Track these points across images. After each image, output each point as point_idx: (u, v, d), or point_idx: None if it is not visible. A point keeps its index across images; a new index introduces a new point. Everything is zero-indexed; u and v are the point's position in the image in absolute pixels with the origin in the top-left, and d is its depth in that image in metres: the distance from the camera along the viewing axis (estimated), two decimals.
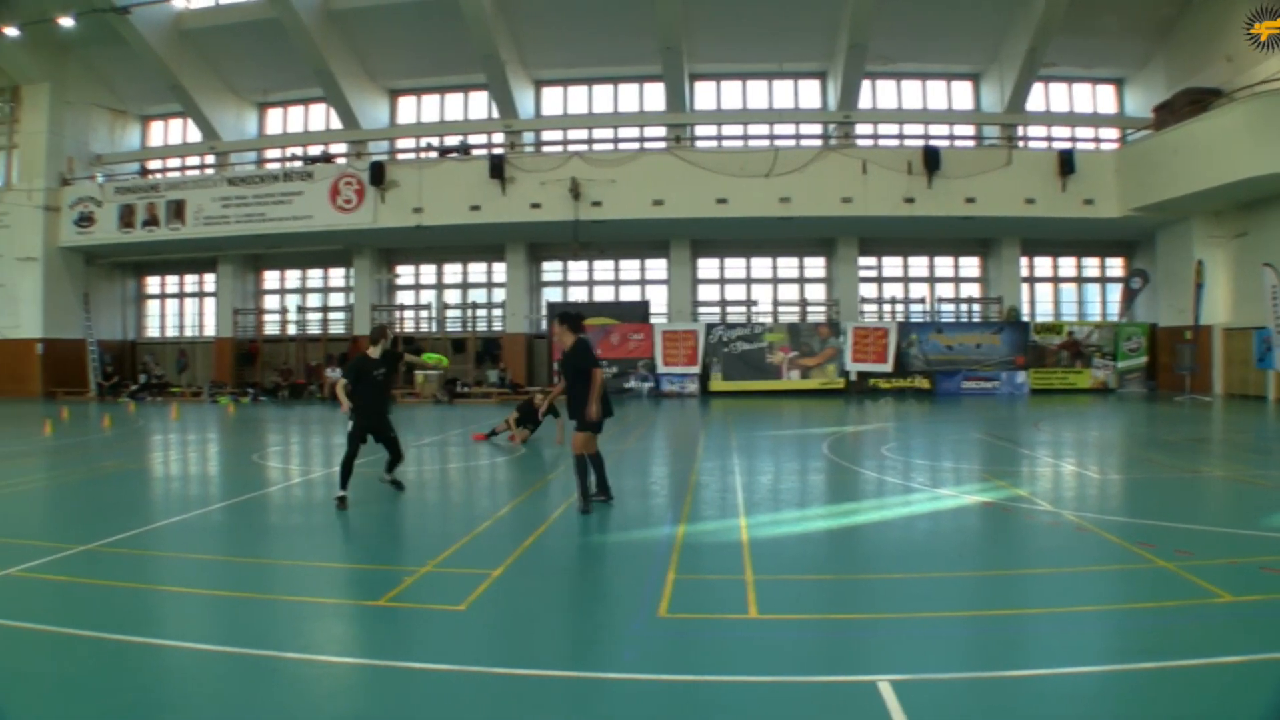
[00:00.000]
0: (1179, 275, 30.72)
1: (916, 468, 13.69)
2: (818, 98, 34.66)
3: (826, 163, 30.22)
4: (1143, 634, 5.74)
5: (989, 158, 30.49)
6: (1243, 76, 27.06)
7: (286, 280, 38.41)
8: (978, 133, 33.85)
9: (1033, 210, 30.05)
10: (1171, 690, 4.82)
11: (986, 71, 33.70)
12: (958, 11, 31.06)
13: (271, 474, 13.76)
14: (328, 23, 32.05)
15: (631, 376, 32.22)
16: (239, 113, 36.84)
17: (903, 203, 29.79)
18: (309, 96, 35.91)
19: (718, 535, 8.61)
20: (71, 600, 6.67)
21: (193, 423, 23.73)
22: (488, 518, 9.77)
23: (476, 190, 30.95)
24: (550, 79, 35.35)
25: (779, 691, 4.80)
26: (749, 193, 30.03)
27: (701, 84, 34.83)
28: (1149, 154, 28.91)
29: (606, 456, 14.96)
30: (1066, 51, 31.62)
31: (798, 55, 33.52)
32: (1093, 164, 30.39)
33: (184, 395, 34.75)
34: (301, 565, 7.84)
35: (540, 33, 32.72)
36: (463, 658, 5.24)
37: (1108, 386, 31.89)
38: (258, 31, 32.53)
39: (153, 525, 9.42)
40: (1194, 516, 9.65)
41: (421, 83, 35.82)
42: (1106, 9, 30.02)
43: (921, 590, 6.86)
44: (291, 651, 5.36)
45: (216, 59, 34.80)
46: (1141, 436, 18.77)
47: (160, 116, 38.55)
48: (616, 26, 31.83)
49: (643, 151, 32.04)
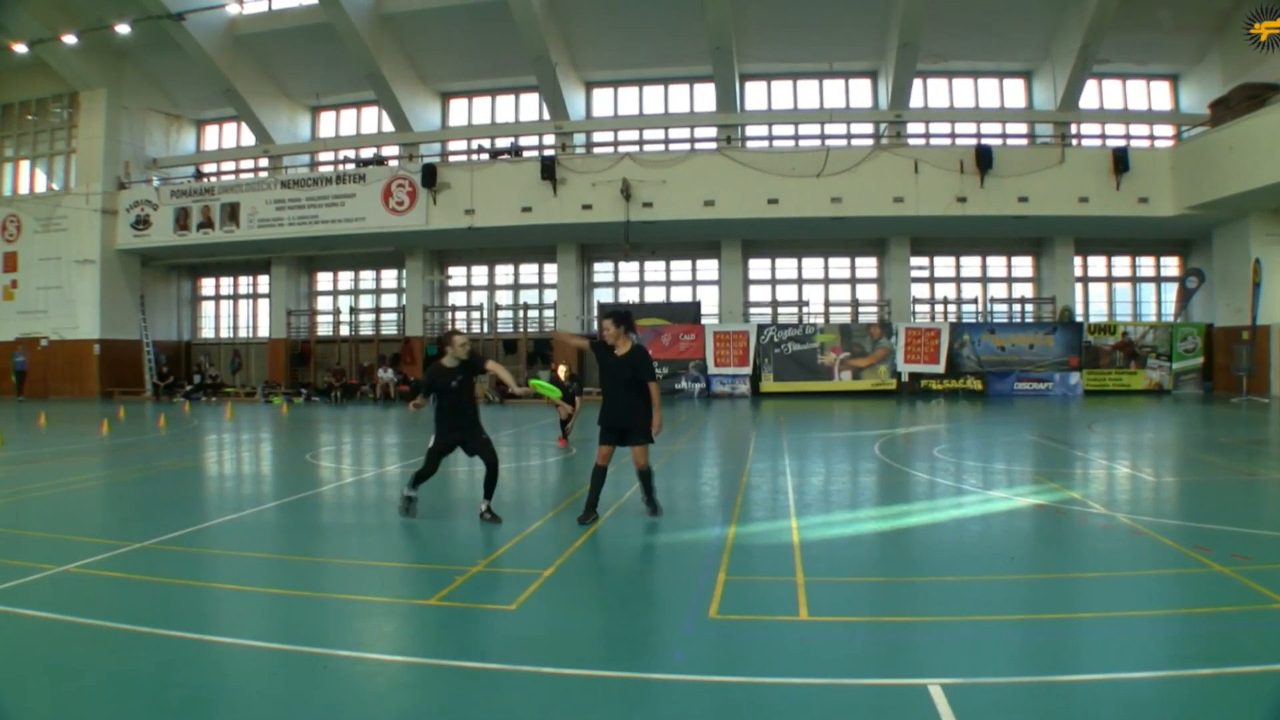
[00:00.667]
0: (1236, 274, 30.33)
1: (968, 469, 13.57)
2: (869, 97, 34.57)
3: (878, 162, 30.13)
4: (1198, 639, 5.69)
5: (1042, 156, 30.26)
6: None
7: (339, 282, 38.87)
8: (1030, 131, 33.64)
9: (1086, 209, 29.79)
10: (1228, 697, 4.74)
11: (1039, 69, 33.43)
12: (1009, 8, 30.88)
13: (324, 473, 13.86)
14: (379, 26, 32.36)
15: (683, 377, 32.33)
16: (292, 116, 37.30)
17: (955, 202, 29.64)
18: (361, 99, 36.32)
19: (769, 536, 8.59)
20: (127, 596, 6.74)
21: (246, 422, 24.01)
22: (539, 518, 9.78)
23: (528, 191, 31.15)
24: (601, 80, 35.50)
25: (829, 694, 4.80)
26: (800, 193, 29.99)
27: (752, 84, 34.82)
28: (1205, 151, 28.58)
29: (657, 458, 15.08)
30: (1120, 48, 31.29)
31: (848, 54, 33.43)
32: (1147, 162, 30.05)
33: (238, 395, 35.29)
34: (354, 564, 7.90)
35: (590, 34, 32.89)
36: (513, 657, 5.24)
37: (1163, 388, 31.56)
38: (310, 35, 32.93)
39: (207, 523, 9.49)
40: (1252, 520, 9.50)
41: (472, 85, 36.08)
42: (1160, 4, 29.62)
43: (973, 593, 6.80)
44: (343, 649, 5.40)
45: (270, 63, 35.29)
46: (1197, 438, 18.54)
47: (215, 120, 39.15)
48: (666, 27, 31.87)
49: (693, 152, 32.11)
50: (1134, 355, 31.81)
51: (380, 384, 33.76)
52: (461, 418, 9.74)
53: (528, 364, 34.56)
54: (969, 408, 26.90)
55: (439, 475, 10.03)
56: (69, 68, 34.86)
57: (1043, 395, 31.18)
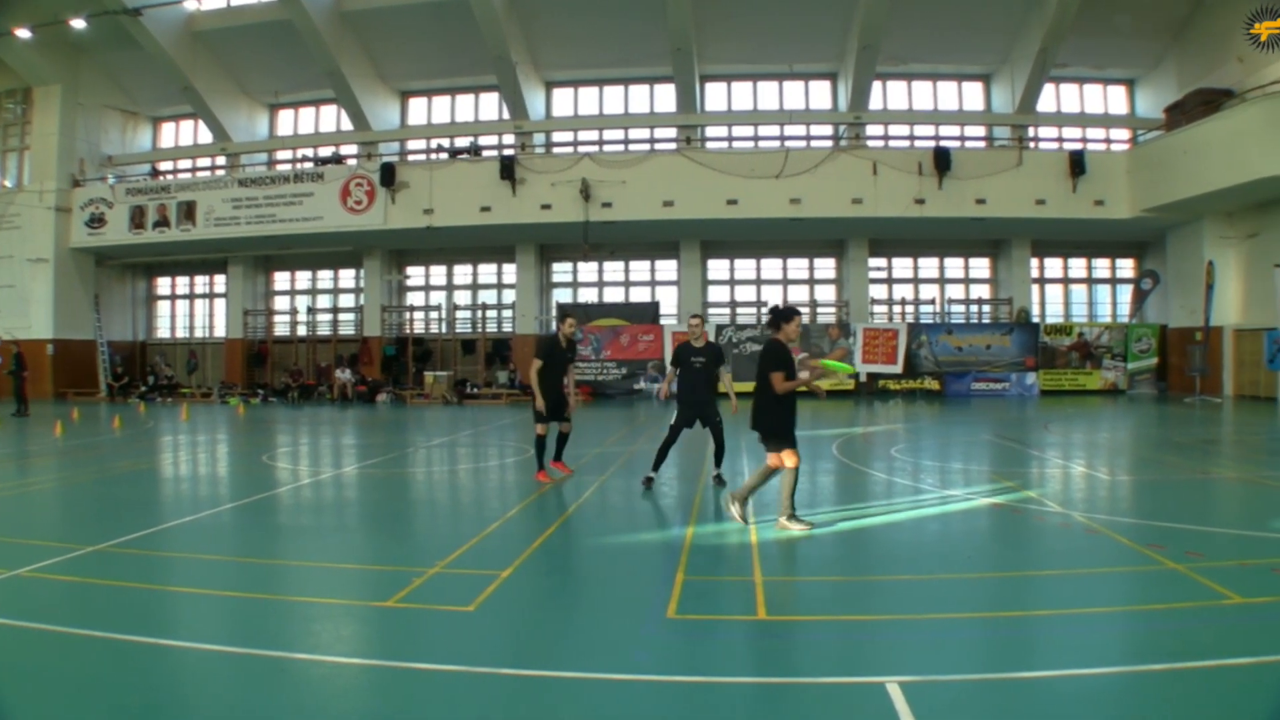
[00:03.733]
0: (1190, 276, 30.64)
1: (926, 469, 13.68)
2: (828, 99, 34.65)
3: (837, 164, 30.16)
4: (1153, 636, 5.78)
5: (1000, 159, 30.42)
6: (1254, 77, 26.99)
7: (297, 281, 38.50)
8: (988, 133, 33.82)
9: (1043, 211, 29.97)
10: (1182, 692, 4.83)
11: (998, 72, 33.66)
12: (969, 13, 31.01)
13: (281, 475, 13.71)
14: (340, 24, 32.12)
15: (641, 378, 32.26)
16: (250, 114, 36.95)
17: (913, 204, 29.71)
18: (320, 98, 35.99)
19: (727, 536, 8.61)
20: (82, 600, 6.70)
21: (202, 423, 23.69)
22: (497, 518, 9.74)
23: (487, 191, 30.97)
24: (561, 80, 35.40)
25: (787, 693, 4.83)
26: (759, 194, 29.97)
27: (712, 85, 34.83)
28: (1160, 155, 28.84)
29: (616, 457, 15.04)
30: (1078, 52, 31.64)
31: (808, 56, 33.51)
32: (1104, 165, 30.31)
33: (194, 396, 34.79)
34: (311, 566, 7.88)
35: (551, 34, 32.76)
36: (472, 658, 5.26)
37: (1118, 388, 31.81)
38: (269, 33, 32.61)
39: (163, 526, 9.42)
40: (1205, 518, 9.68)
41: (432, 84, 35.89)
42: (1118, 10, 29.95)
43: (931, 592, 6.88)
44: (301, 652, 5.41)
45: (228, 60, 34.92)
46: (1152, 438, 18.71)
47: (171, 118, 38.65)
48: (627, 28, 31.83)
49: (653, 153, 32.03)
50: (1090, 356, 32.03)
51: (338, 384, 33.44)
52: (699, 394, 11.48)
53: (486, 364, 34.43)
54: (926, 408, 26.98)
55: (398, 479, 10.08)
56: (23, 63, 34.37)
57: (999, 395, 31.34)
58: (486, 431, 20.75)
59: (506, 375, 33.29)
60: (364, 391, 32.88)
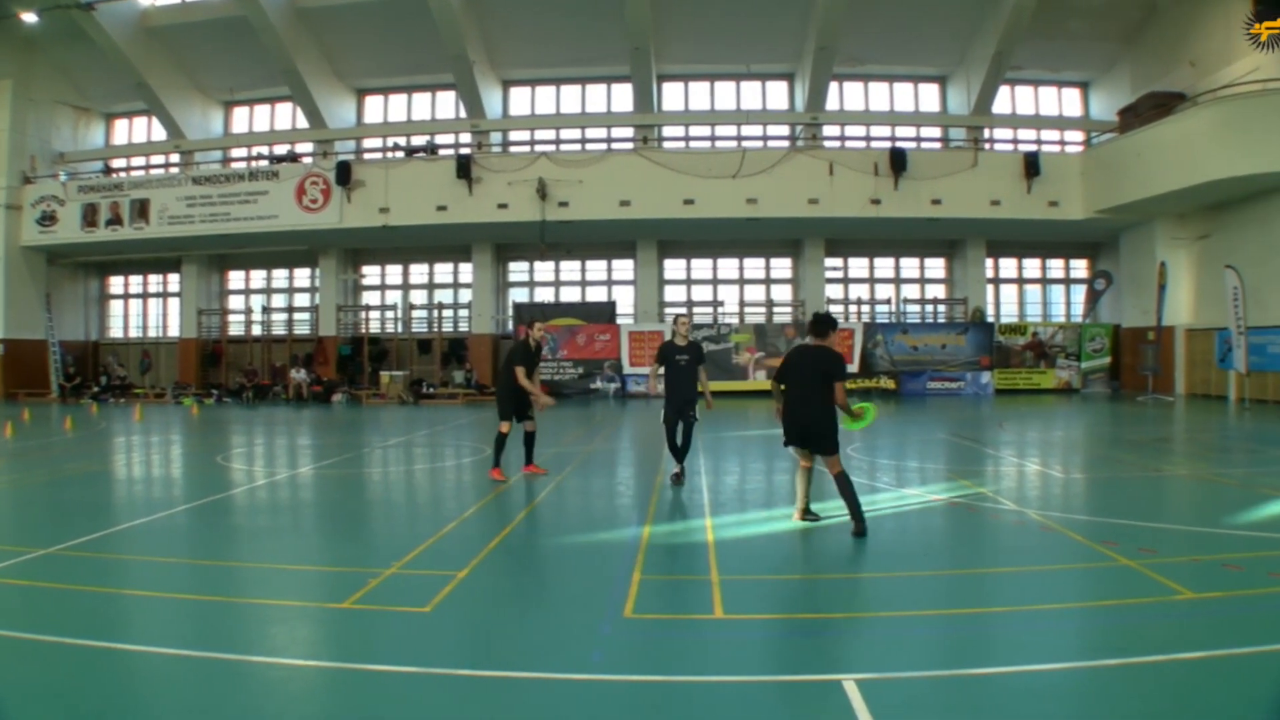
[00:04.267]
0: (1142, 277, 30.95)
1: (882, 468, 13.78)
2: (785, 99, 34.76)
3: (793, 164, 30.19)
4: (1107, 631, 5.85)
5: (955, 160, 30.56)
6: (1206, 81, 27.32)
7: (251, 280, 38.05)
8: (944, 135, 34.02)
9: (998, 212, 30.11)
10: (1135, 687, 4.91)
11: (953, 74, 33.90)
12: (925, 14, 31.22)
13: (236, 476, 13.60)
14: (295, 21, 31.83)
15: (598, 377, 32.17)
16: (205, 111, 36.57)
17: (869, 204, 29.78)
18: (275, 95, 35.65)
19: (684, 536, 8.69)
20: (33, 605, 6.60)
21: (156, 424, 23.38)
22: (454, 518, 9.75)
23: (443, 190, 30.75)
24: (518, 79, 35.28)
25: (745, 691, 4.86)
26: (716, 194, 29.95)
27: (669, 85, 34.84)
28: (1113, 157, 29.08)
29: (571, 457, 14.98)
30: (1033, 55, 31.91)
31: (766, 57, 33.58)
32: (1058, 166, 30.53)
33: (147, 396, 34.31)
34: (266, 568, 7.81)
35: (509, 32, 32.61)
36: (428, 660, 5.25)
37: (1071, 387, 32.06)
38: (224, 29, 32.24)
39: (116, 528, 9.34)
40: (1157, 515, 9.91)
41: (389, 82, 35.66)
42: (1073, 14, 30.27)
43: (887, 589, 6.96)
44: (257, 655, 5.38)
45: (182, 57, 34.52)
46: (1105, 436, 18.93)
47: (125, 114, 38.12)
48: (585, 27, 31.78)
49: (610, 152, 31.93)
50: (1044, 355, 32.26)
51: (293, 384, 33.12)
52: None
53: (442, 364, 34.26)
54: (882, 406, 26.96)
55: (354, 479, 10.02)
56: None
57: (955, 394, 31.51)
58: (443, 431, 20.70)
59: (463, 375, 33.11)
60: (319, 391, 32.59)
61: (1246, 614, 6.11)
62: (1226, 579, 6.89)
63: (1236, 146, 24.41)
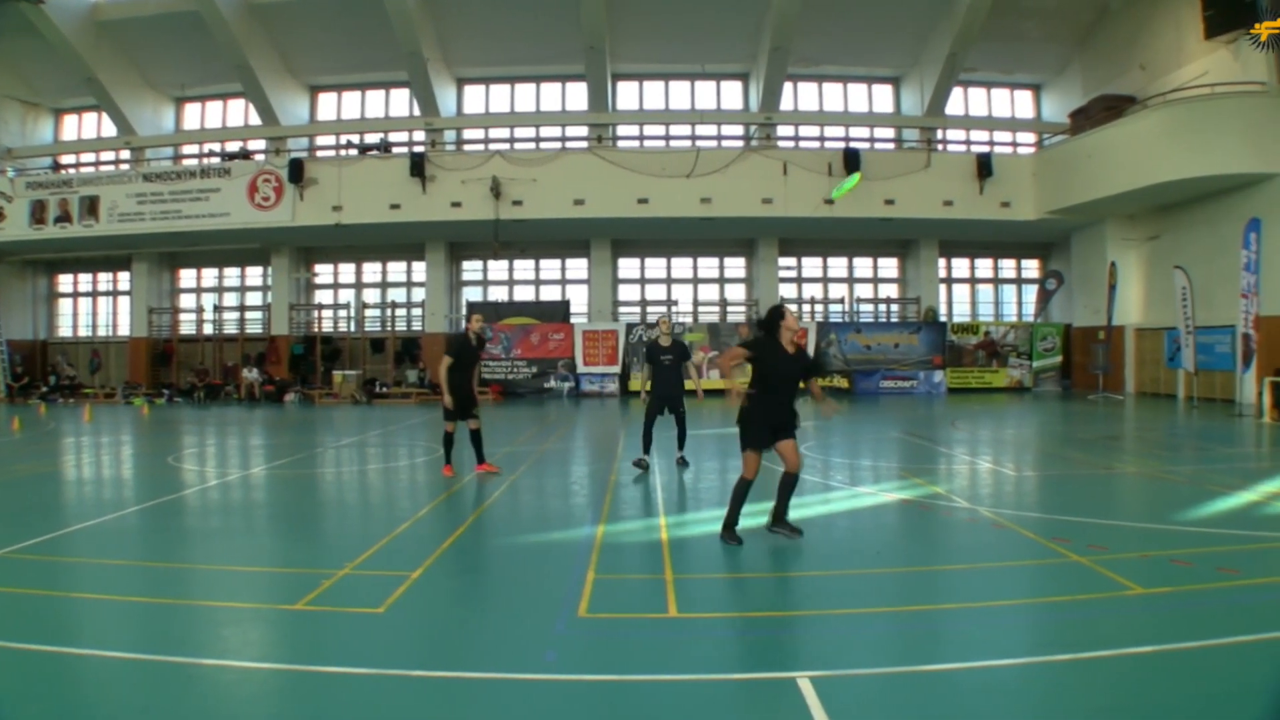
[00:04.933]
0: (1093, 277, 31.28)
1: (835, 466, 13.83)
2: (740, 99, 34.87)
3: (747, 164, 30.23)
4: (1058, 627, 5.95)
5: (908, 160, 30.73)
6: (1155, 84, 27.72)
7: (203, 279, 37.56)
8: (898, 135, 34.22)
9: (951, 212, 30.32)
10: (1086, 681, 4.96)
11: (907, 75, 34.11)
12: (880, 16, 31.43)
13: (187, 476, 13.40)
14: (248, 16, 31.53)
15: (552, 376, 32.08)
16: (156, 107, 36.13)
17: (823, 204, 29.86)
18: (228, 92, 35.24)
19: (637, 535, 8.73)
20: None
21: (106, 425, 23.05)
22: (407, 518, 9.69)
23: (396, 189, 30.50)
24: (473, 77, 35.14)
25: (699, 689, 4.86)
26: (670, 193, 29.92)
27: (624, 84, 34.83)
28: (1065, 158, 29.36)
29: (525, 456, 14.92)
30: (986, 57, 32.20)
31: (721, 56, 33.65)
32: (1010, 167, 30.78)
33: (97, 396, 33.82)
34: (218, 569, 7.72)
35: (463, 30, 32.47)
36: (382, 661, 5.21)
37: (1023, 385, 32.34)
38: (176, 24, 31.83)
39: (65, 530, 9.21)
40: (1107, 512, 10.04)
41: (343, 79, 35.41)
42: (1026, 16, 30.59)
43: (841, 587, 6.97)
44: (208, 658, 5.34)
45: (134, 52, 34.07)
46: (1056, 434, 19.08)
47: (74, 110, 37.51)
48: (540, 25, 31.71)
49: (564, 151, 31.84)
50: (996, 354, 32.52)
51: (245, 384, 32.81)
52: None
53: (395, 363, 34.06)
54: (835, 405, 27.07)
55: (307, 480, 9.92)
56: None
57: (908, 393, 31.66)
58: (396, 431, 20.58)
59: (416, 374, 32.91)
60: (271, 391, 32.29)
61: (1195, 608, 6.21)
62: (1175, 574, 7.02)
63: (1185, 149, 24.72)
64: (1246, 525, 9.04)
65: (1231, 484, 11.41)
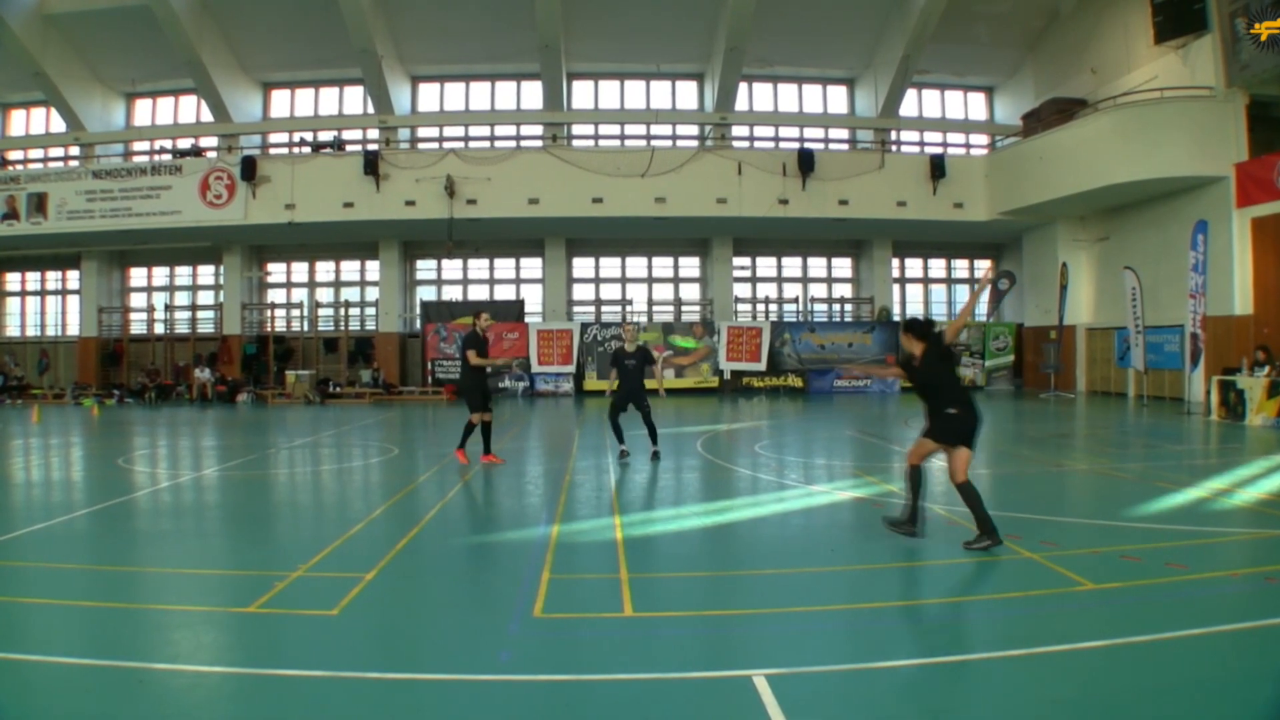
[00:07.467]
0: (1044, 277, 31.68)
1: (790, 465, 13.98)
2: (695, 99, 34.96)
3: (702, 164, 30.31)
4: (1011, 623, 6.03)
5: (862, 161, 30.93)
6: (1106, 88, 28.16)
7: (154, 278, 37.04)
8: (852, 136, 34.47)
9: (904, 213, 30.57)
10: (1039, 676, 5.04)
11: (861, 77, 34.31)
12: (834, 18, 31.60)
13: (138, 478, 13.22)
14: (200, 11, 31.14)
15: (506, 376, 31.95)
16: (105, 103, 35.59)
17: (777, 204, 30.00)
18: (179, 88, 34.77)
19: (592, 534, 8.74)
20: None
21: (55, 426, 22.69)
22: (361, 519, 9.63)
23: (350, 187, 30.29)
24: (427, 75, 34.95)
25: (655, 688, 4.88)
26: (625, 192, 29.97)
27: (579, 83, 34.77)
28: (1017, 160, 29.68)
29: (480, 456, 14.82)
30: (939, 59, 32.53)
31: (676, 56, 33.67)
32: (963, 169, 31.11)
33: (45, 397, 33.26)
34: (169, 572, 7.62)
35: (418, 28, 32.25)
36: (336, 663, 5.18)
37: (976, 384, 32.53)
38: (126, 19, 31.30)
39: (11, 534, 9.04)
40: (1058, 509, 10.34)
41: (296, 76, 35.08)
42: (978, 19, 30.95)
43: (795, 585, 7.00)
44: (160, 662, 5.28)
45: (83, 46, 33.47)
46: (1008, 432, 19.23)
47: (22, 105, 36.79)
48: (495, 23, 31.59)
49: (519, 150, 31.82)
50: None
51: (197, 384, 32.43)
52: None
53: (349, 363, 33.82)
54: (790, 405, 27.29)
55: (260, 481, 9.83)
56: None
57: (861, 392, 31.85)
58: (350, 431, 20.48)
59: (369, 374, 32.68)
60: (224, 391, 31.95)
61: (1144, 603, 6.30)
62: (1125, 570, 7.13)
63: (1135, 152, 25.08)
64: (1194, 521, 9.21)
65: (1180, 480, 11.59)
